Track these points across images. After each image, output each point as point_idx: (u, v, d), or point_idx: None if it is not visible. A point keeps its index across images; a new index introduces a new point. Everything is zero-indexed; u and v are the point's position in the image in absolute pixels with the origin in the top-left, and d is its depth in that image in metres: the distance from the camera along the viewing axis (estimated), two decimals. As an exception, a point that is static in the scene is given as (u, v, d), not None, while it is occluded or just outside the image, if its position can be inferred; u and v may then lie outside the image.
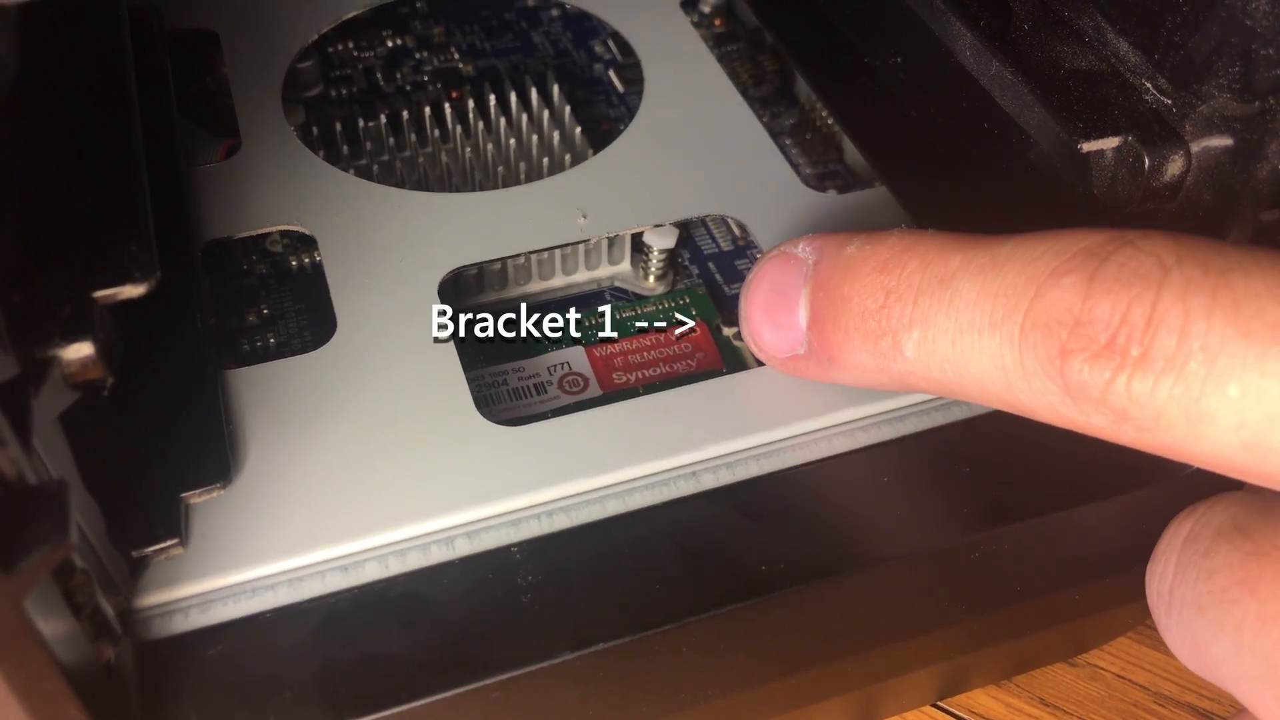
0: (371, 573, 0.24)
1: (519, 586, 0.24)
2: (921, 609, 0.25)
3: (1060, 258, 0.20)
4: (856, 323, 0.23)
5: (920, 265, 0.22)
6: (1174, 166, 0.24)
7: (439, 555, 0.25)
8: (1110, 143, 0.24)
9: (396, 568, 0.24)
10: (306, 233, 0.31)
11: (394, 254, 0.30)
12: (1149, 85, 0.24)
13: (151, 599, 0.23)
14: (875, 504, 0.25)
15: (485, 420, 0.27)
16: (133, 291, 0.21)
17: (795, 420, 0.27)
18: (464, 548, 0.25)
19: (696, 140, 0.34)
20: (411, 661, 0.22)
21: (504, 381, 0.32)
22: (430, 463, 0.26)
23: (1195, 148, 0.24)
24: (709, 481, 0.26)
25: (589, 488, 0.26)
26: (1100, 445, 0.20)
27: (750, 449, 0.26)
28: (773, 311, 0.26)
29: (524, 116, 0.37)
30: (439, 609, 0.23)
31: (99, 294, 0.20)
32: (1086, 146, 0.24)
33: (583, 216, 0.32)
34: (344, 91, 0.40)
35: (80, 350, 0.20)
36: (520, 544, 0.25)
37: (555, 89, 0.38)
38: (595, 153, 0.34)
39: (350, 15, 0.39)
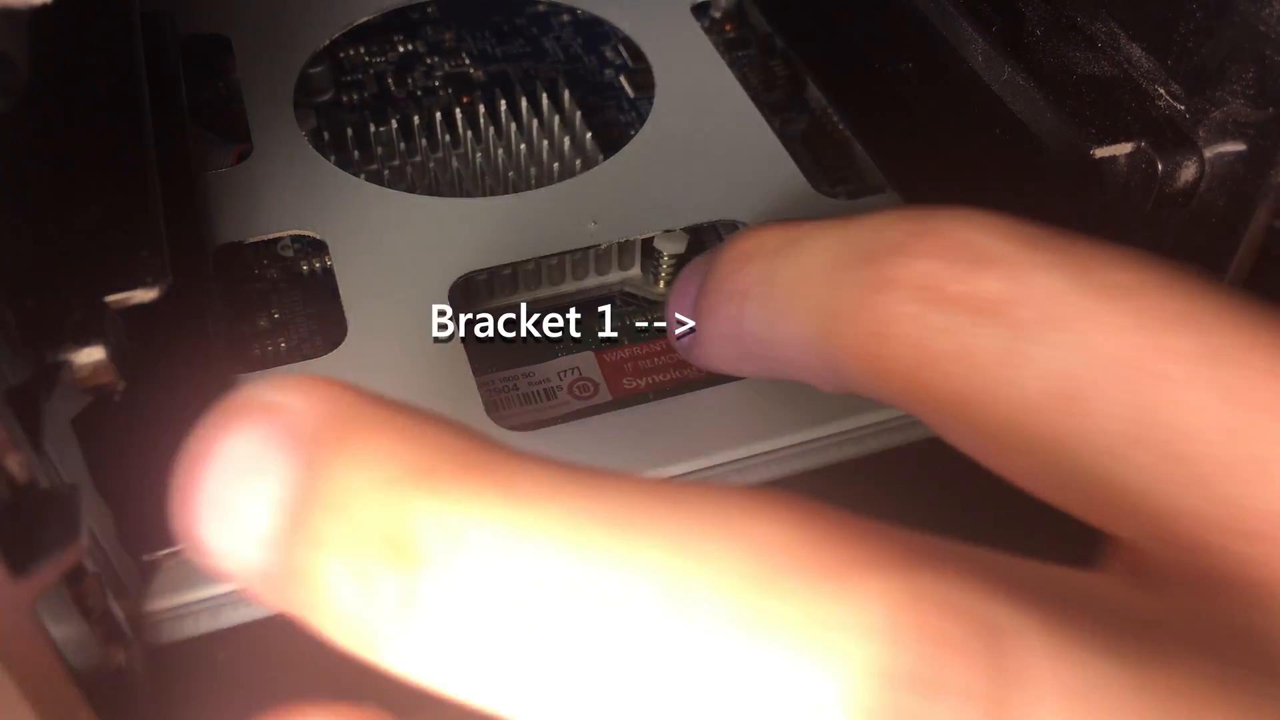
0: (382, 577, 0.24)
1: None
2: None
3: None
4: (715, 286, 0.22)
5: (780, 229, 0.21)
6: (1187, 172, 0.24)
7: (449, 560, 0.24)
8: (1123, 148, 0.24)
9: (406, 573, 0.24)
10: (317, 237, 0.31)
11: (404, 259, 0.30)
12: (1162, 91, 0.24)
13: (162, 603, 0.23)
14: (899, 510, 0.25)
15: (496, 426, 0.27)
16: (144, 296, 0.21)
17: (807, 426, 0.27)
18: (474, 553, 0.25)
19: (708, 145, 0.34)
20: (421, 667, 0.22)
21: (514, 386, 0.32)
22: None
23: (1209, 154, 0.24)
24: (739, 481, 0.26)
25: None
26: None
27: (763, 454, 0.26)
28: (682, 294, 0.24)
29: (534, 122, 0.37)
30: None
31: (111, 299, 0.20)
32: (1099, 152, 0.24)
33: (593, 222, 0.32)
34: (355, 97, 0.40)
35: (92, 355, 0.20)
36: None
37: (566, 94, 0.38)
38: (606, 158, 0.34)
39: (361, 20, 0.39)
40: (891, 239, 0.18)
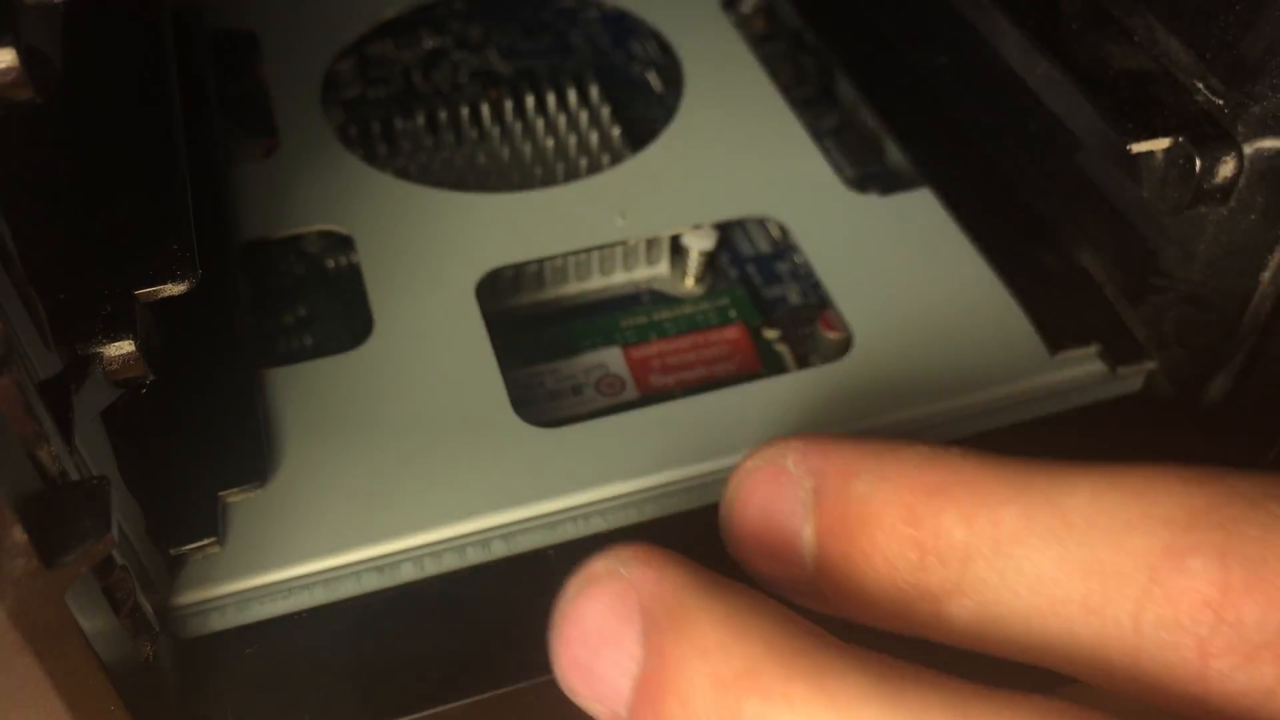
0: (407, 574, 0.24)
1: (555, 588, 0.23)
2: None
3: (1168, 529, 0.17)
4: (883, 579, 0.19)
5: (961, 519, 0.18)
6: (1226, 168, 0.23)
7: (475, 557, 0.24)
8: (1160, 144, 0.24)
9: (432, 569, 0.24)
10: (344, 233, 0.31)
11: (431, 254, 0.30)
12: (1200, 85, 0.24)
13: (189, 597, 0.23)
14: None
15: (522, 421, 0.27)
16: (174, 290, 0.21)
17: (836, 423, 0.27)
18: (500, 550, 0.25)
19: (736, 141, 0.33)
20: (448, 663, 0.22)
21: (540, 383, 0.32)
22: (466, 464, 0.26)
23: (1248, 149, 0.23)
24: (749, 485, 0.26)
25: (626, 490, 0.25)
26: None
27: (790, 453, 0.26)
28: (767, 540, 0.21)
29: (562, 117, 0.37)
30: (475, 611, 0.23)
31: (140, 292, 0.20)
32: (1136, 147, 0.23)
33: (621, 217, 0.31)
34: (382, 92, 0.40)
35: (122, 348, 0.20)
36: (557, 546, 0.24)
37: (594, 89, 0.38)
38: (634, 153, 0.34)
39: (389, 16, 0.39)
40: (1185, 592, 0.17)
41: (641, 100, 0.40)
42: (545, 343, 0.32)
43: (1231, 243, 0.24)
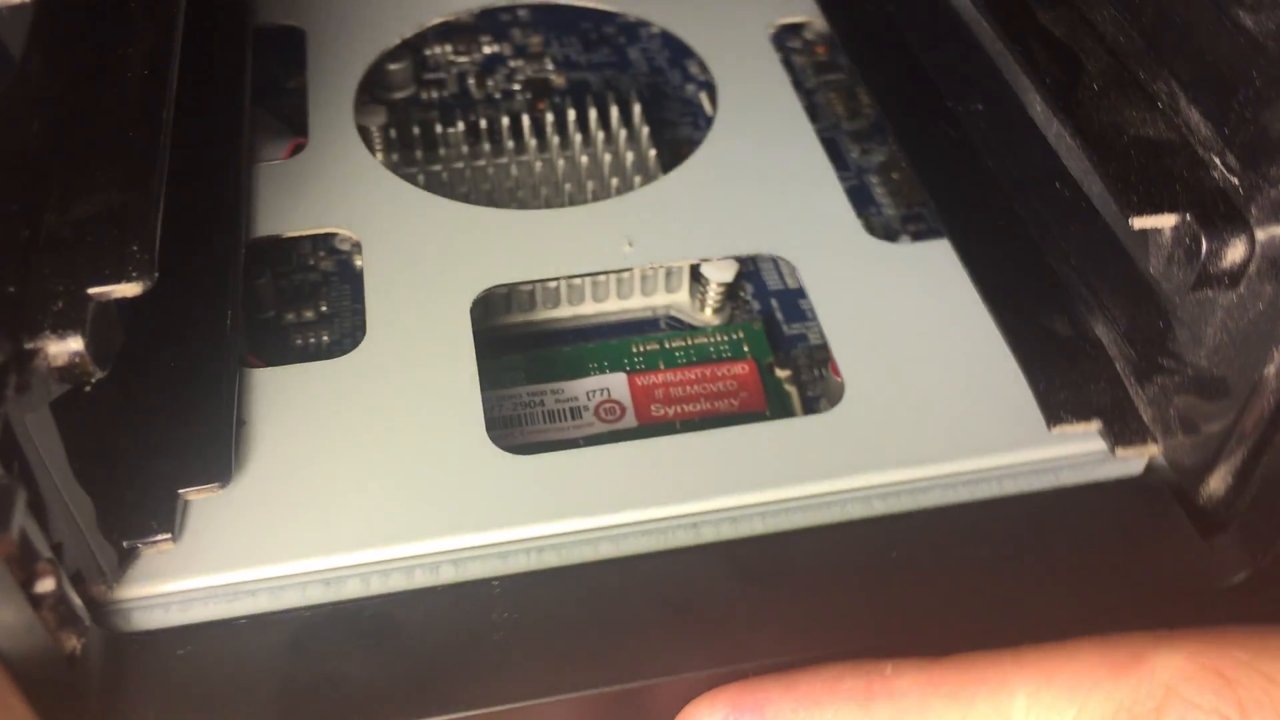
0: (352, 590, 0.24)
1: (493, 623, 0.23)
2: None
3: (1141, 706, 0.18)
4: None
5: None
6: (1235, 252, 0.22)
7: (422, 580, 0.24)
8: (1166, 220, 0.22)
9: (378, 587, 0.24)
10: (353, 237, 0.31)
11: (434, 266, 0.30)
12: (1218, 161, 0.23)
13: (135, 591, 0.24)
14: (881, 581, 0.24)
15: (493, 446, 0.26)
16: (128, 291, 0.21)
17: (811, 479, 0.26)
18: (448, 575, 0.24)
19: (759, 174, 0.33)
20: (371, 688, 0.22)
21: (540, 402, 0.31)
22: (430, 484, 0.25)
23: (1261, 235, 0.22)
24: (709, 535, 0.25)
25: (584, 527, 0.25)
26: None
27: (756, 505, 0.25)
28: None
29: (601, 134, 0.36)
30: (409, 637, 0.23)
31: (94, 290, 0.21)
32: (1138, 222, 0.22)
33: (629, 244, 0.31)
34: (434, 95, 0.40)
35: (68, 345, 0.20)
36: (503, 578, 0.24)
37: (637, 108, 0.37)
38: (658, 178, 0.34)
39: (437, 21, 0.39)
40: None
41: (689, 122, 0.39)
42: (555, 360, 0.32)
43: (1239, 331, 0.23)
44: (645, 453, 0.26)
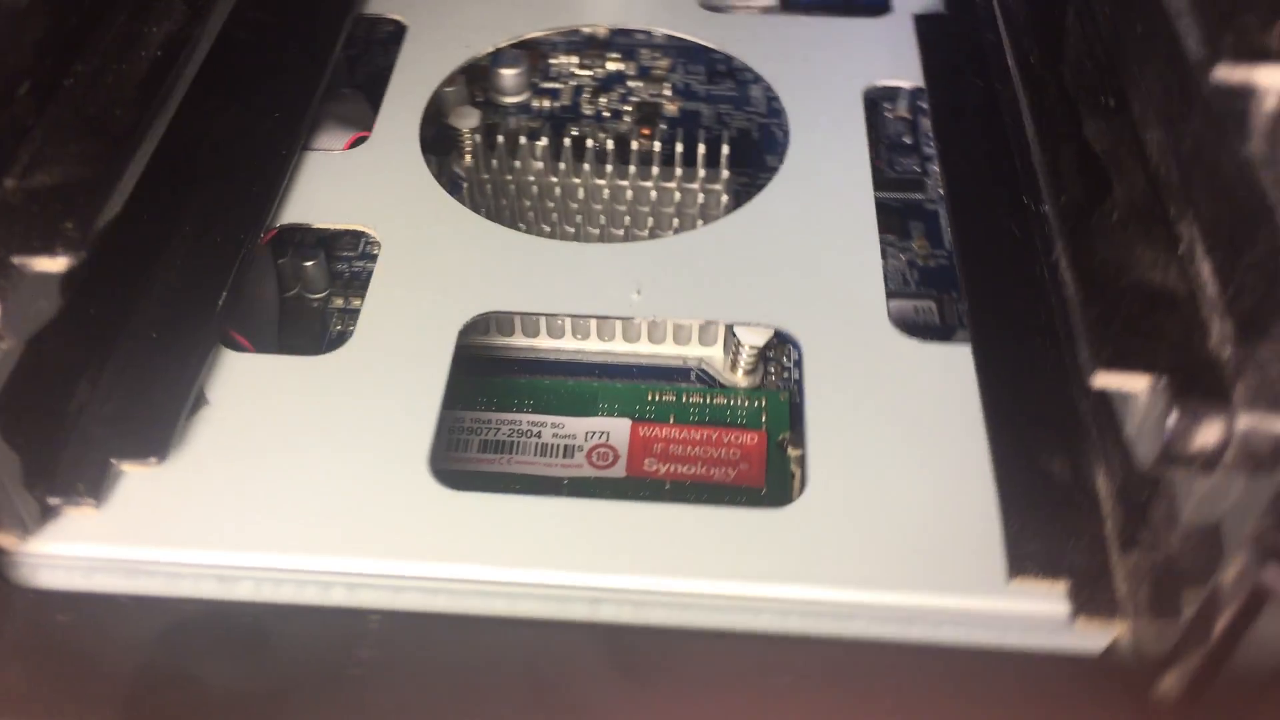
0: (243, 592, 0.24)
1: (354, 659, 0.23)
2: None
3: None
4: None
5: None
6: (1208, 434, 0.19)
7: (310, 597, 0.24)
8: (1135, 382, 0.19)
9: (268, 595, 0.24)
10: (374, 236, 0.31)
11: (440, 282, 0.30)
12: (1217, 326, 0.19)
13: (45, 548, 0.24)
14: (756, 708, 0.22)
15: (428, 475, 0.26)
16: (51, 265, 0.21)
17: (731, 578, 0.24)
18: (338, 597, 0.24)
19: (801, 238, 0.31)
20: (213, 697, 0.22)
21: (538, 433, 0.31)
22: (354, 502, 0.25)
23: (1242, 421, 0.19)
24: (607, 614, 0.24)
25: (483, 578, 0.24)
26: None
27: (663, 594, 0.24)
28: None
29: (679, 170, 0.35)
30: (273, 652, 0.23)
31: (17, 260, 0.21)
32: (1099, 379, 0.19)
33: (636, 293, 0.30)
34: (545, 104, 0.40)
35: (-18, 308, 0.21)
36: (384, 613, 0.24)
37: (725, 149, 0.36)
38: (704, 225, 0.32)
39: (531, 35, 0.38)
40: None
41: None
42: (567, 393, 0.31)
43: (1209, 521, 0.20)
44: (581, 514, 0.25)
